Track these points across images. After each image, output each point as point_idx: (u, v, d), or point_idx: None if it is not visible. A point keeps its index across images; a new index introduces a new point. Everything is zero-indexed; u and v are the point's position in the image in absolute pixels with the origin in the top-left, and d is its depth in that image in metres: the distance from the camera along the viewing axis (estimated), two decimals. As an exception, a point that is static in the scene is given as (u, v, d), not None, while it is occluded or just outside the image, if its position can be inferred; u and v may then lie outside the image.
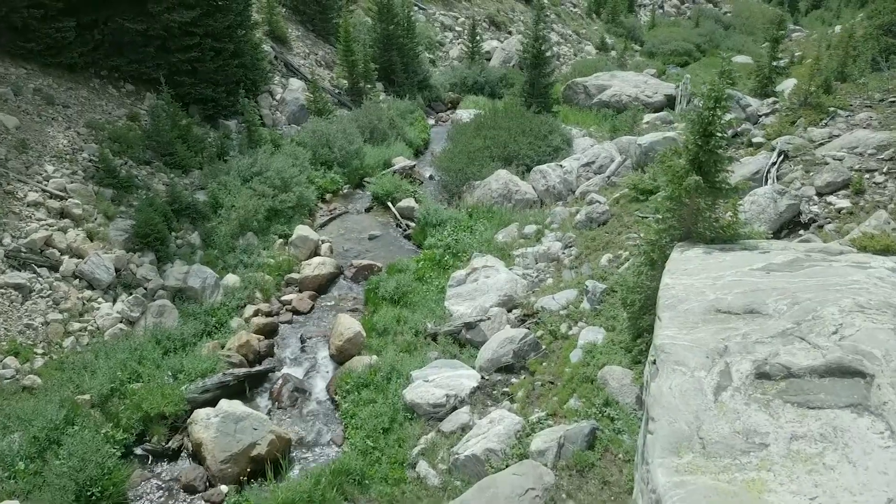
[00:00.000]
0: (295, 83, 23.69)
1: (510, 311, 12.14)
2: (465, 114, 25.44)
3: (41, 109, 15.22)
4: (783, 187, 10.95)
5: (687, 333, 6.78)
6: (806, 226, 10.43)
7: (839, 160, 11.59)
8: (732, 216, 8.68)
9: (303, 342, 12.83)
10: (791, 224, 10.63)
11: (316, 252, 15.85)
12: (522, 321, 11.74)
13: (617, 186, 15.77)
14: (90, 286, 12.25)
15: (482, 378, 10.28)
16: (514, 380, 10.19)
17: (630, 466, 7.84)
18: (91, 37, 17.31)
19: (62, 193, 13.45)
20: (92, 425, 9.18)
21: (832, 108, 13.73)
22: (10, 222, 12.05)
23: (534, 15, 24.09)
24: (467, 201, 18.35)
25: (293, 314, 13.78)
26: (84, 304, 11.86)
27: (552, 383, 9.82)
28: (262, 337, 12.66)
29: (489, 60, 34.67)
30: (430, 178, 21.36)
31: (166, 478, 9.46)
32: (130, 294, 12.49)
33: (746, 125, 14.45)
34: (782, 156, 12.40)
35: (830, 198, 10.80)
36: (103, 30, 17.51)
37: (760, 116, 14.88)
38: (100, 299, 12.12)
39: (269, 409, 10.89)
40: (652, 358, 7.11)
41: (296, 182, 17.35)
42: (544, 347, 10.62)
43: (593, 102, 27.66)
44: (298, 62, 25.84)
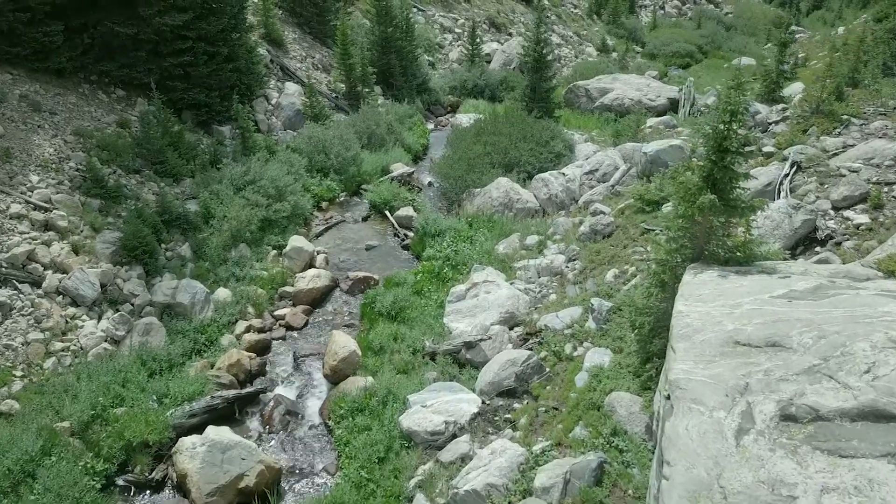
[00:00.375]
0: (291, 87, 23.19)
1: (512, 329, 11.65)
2: (465, 118, 24.97)
3: (27, 117, 14.71)
4: (798, 202, 10.46)
5: (704, 368, 6.30)
6: (822, 242, 9.94)
7: (855, 172, 11.11)
8: (746, 232, 8.23)
9: (296, 360, 12.34)
10: (806, 240, 10.14)
11: (311, 264, 15.36)
12: (525, 340, 11.25)
13: (621, 196, 15.27)
14: (74, 303, 11.75)
15: (483, 403, 9.79)
16: (517, 405, 9.70)
17: (641, 505, 7.37)
18: (80, 41, 16.82)
19: (47, 205, 12.95)
20: (70, 456, 8.67)
21: (845, 117, 13.25)
22: (-9, 236, 11.58)
23: (535, 17, 23.61)
24: (467, 209, 17.87)
25: (286, 330, 13.30)
26: (67, 322, 11.36)
27: (556, 409, 9.34)
28: (254, 355, 12.18)
29: (489, 63, 34.17)
30: (430, 185, 20.88)
31: (149, 511, 8.98)
32: (117, 311, 12.00)
33: (756, 133, 13.96)
34: (795, 167, 11.93)
35: (847, 212, 10.31)
36: (93, 34, 17.01)
37: (770, 124, 14.39)
38: (84, 317, 11.62)
39: (260, 434, 10.41)
40: (666, 392, 6.63)
41: (291, 191, 16.84)
42: (548, 370, 10.13)
43: (595, 106, 27.25)
44: (295, 66, 25.33)
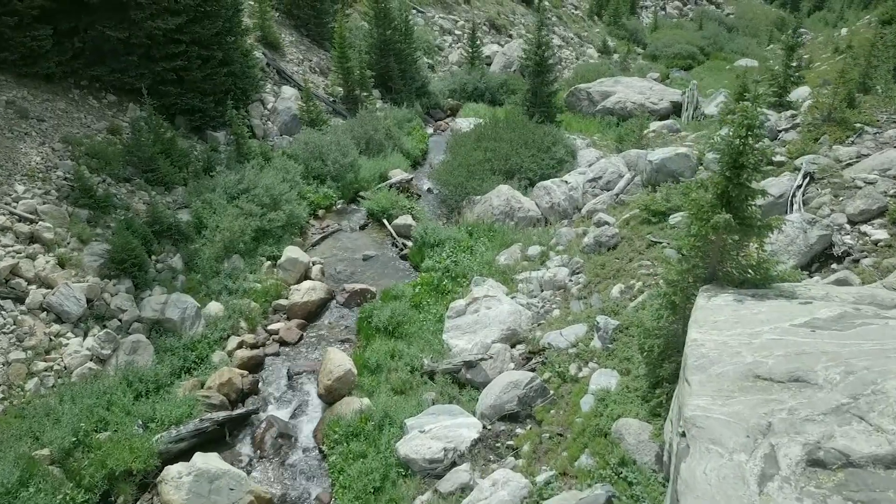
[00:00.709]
0: (288, 91, 22.71)
1: (514, 347, 11.20)
2: (465, 123, 24.51)
3: (13, 124, 14.26)
4: (813, 216, 10.01)
5: (722, 404, 5.86)
6: (839, 259, 9.49)
7: (871, 184, 10.66)
8: (759, 249, 7.79)
9: (290, 378, 11.89)
10: (822, 257, 9.69)
11: (306, 275, 14.91)
12: (527, 359, 10.80)
13: (626, 205, 14.81)
14: (59, 319, 11.29)
15: (484, 427, 9.35)
16: (520, 430, 9.25)
17: (652, 546, 6.92)
18: (70, 45, 16.39)
19: (32, 216, 12.50)
20: (49, 487, 8.22)
21: (858, 125, 12.79)
22: (-28, 251, 11.13)
23: (536, 20, 23.15)
24: (467, 217, 17.43)
25: (280, 345, 12.86)
26: (51, 341, 10.91)
27: (561, 435, 8.89)
28: (246, 372, 11.75)
29: (489, 65, 33.69)
30: (429, 192, 20.42)
31: (132, 544, 8.54)
32: (104, 327, 11.56)
33: (772, 146, 13.49)
34: (808, 178, 11.48)
35: (865, 227, 9.86)
36: (83, 37, 16.58)
37: (780, 131, 13.94)
38: (69, 334, 11.17)
39: (251, 459, 9.96)
40: (681, 429, 6.19)
41: (286, 199, 16.39)
42: (552, 392, 9.68)
43: (597, 109, 26.82)
44: (292, 69, 24.87)
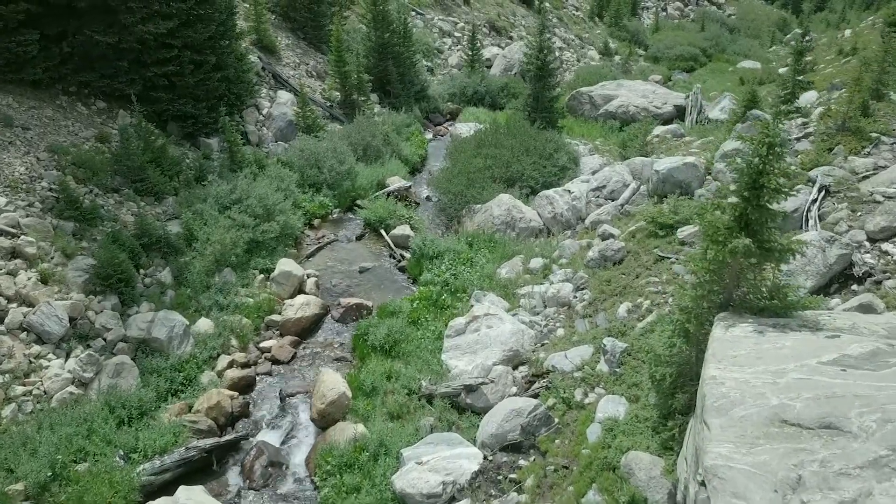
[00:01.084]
0: (283, 96, 22.21)
1: (516, 369, 10.71)
2: (465, 127, 23.98)
3: (-3, 133, 13.78)
4: (832, 234, 9.51)
5: (746, 453, 5.37)
6: (860, 280, 8.99)
7: (891, 198, 10.17)
8: (774, 269, 7.29)
9: (282, 400, 11.39)
10: (841, 277, 9.19)
11: (301, 289, 14.40)
12: (530, 383, 10.30)
13: (632, 216, 14.31)
14: (40, 339, 10.79)
15: (485, 458, 8.85)
16: (523, 462, 8.75)
17: None
18: (58, 50, 15.88)
19: (14, 230, 11.99)
20: (22, 526, 7.75)
21: (874, 134, 12.30)
22: (-51, 268, 10.64)
23: (538, 23, 22.65)
24: (467, 227, 16.93)
25: (272, 364, 12.36)
26: (31, 363, 10.40)
27: (567, 468, 8.40)
28: (237, 394, 11.25)
29: (490, 68, 33.17)
30: (427, 199, 19.92)
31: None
32: (87, 347, 11.05)
33: (787, 160, 12.98)
34: (823, 191, 10.99)
35: (886, 245, 9.37)
36: (71, 42, 16.08)
37: (791, 141, 13.44)
38: (50, 355, 10.66)
39: (239, 490, 9.45)
40: (700, 478, 5.70)
41: (280, 209, 15.86)
42: (557, 421, 9.17)
43: (599, 113, 26.30)
44: (288, 73, 24.36)
